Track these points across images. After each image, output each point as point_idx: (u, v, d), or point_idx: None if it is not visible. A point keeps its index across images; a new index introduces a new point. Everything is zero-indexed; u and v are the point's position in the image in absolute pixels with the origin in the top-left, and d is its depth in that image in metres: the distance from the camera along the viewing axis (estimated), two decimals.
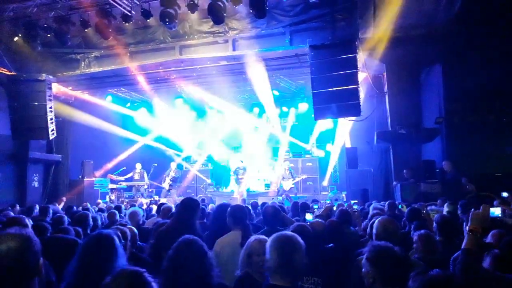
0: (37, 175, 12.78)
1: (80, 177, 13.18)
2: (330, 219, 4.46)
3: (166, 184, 13.94)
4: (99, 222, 5.86)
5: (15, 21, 10.24)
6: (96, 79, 12.81)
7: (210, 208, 7.39)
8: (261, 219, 5.13)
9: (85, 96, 14.09)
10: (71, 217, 5.52)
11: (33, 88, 11.26)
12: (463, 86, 9.48)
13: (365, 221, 5.21)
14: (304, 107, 15.51)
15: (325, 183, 15.12)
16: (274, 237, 2.23)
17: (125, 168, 14.25)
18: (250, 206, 7.30)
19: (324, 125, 15.14)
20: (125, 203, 11.48)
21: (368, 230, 4.13)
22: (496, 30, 8.92)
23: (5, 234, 1.73)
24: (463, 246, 2.37)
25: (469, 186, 8.23)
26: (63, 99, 13.21)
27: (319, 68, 9.63)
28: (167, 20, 9.17)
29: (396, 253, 2.29)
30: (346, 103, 9.49)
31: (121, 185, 14.09)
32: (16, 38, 10.46)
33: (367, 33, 9.62)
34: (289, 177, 13.80)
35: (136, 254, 3.83)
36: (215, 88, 13.92)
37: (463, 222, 3.74)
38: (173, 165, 14.55)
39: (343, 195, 12.99)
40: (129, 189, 14.38)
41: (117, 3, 9.12)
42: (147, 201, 11.61)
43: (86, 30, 10.12)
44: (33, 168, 12.60)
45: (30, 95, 11.23)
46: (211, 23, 9.92)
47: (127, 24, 9.93)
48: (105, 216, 6.47)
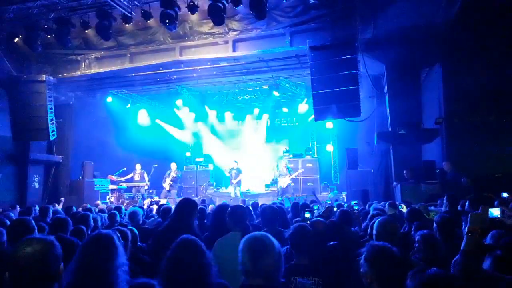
0: (38, 176, 12.80)
1: (80, 177, 13.20)
2: (330, 219, 4.46)
3: (166, 184, 13.93)
4: (99, 223, 5.87)
5: (16, 22, 10.25)
6: (96, 80, 12.83)
7: (210, 208, 7.39)
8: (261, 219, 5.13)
9: (86, 97, 14.10)
10: (71, 218, 5.52)
11: (33, 89, 11.29)
12: (463, 86, 9.48)
13: (365, 222, 5.21)
14: (304, 107, 15.51)
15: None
16: (244, 239, 2.20)
17: (125, 168, 14.24)
18: (250, 207, 7.31)
19: (324, 125, 15.16)
20: (125, 204, 11.48)
21: (368, 230, 4.12)
22: (495, 30, 8.93)
23: (30, 238, 1.77)
24: (462, 247, 2.36)
25: (464, 180, 8.24)
26: (63, 100, 13.22)
27: (319, 69, 9.63)
28: (167, 21, 9.17)
29: (394, 253, 2.27)
30: (346, 104, 9.48)
31: (121, 186, 14.09)
32: (16, 39, 10.47)
33: (367, 34, 9.62)
34: (286, 173, 13.74)
35: (136, 254, 3.84)
36: (215, 89, 13.95)
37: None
38: (173, 166, 14.55)
39: (343, 195, 12.97)
40: (129, 190, 14.37)
41: (117, 4, 9.13)
42: (147, 201, 11.60)
43: (86, 31, 10.15)
44: (33, 169, 12.62)
45: (30, 96, 11.27)
46: (211, 24, 9.93)
47: (127, 25, 9.95)
48: (105, 217, 6.48)
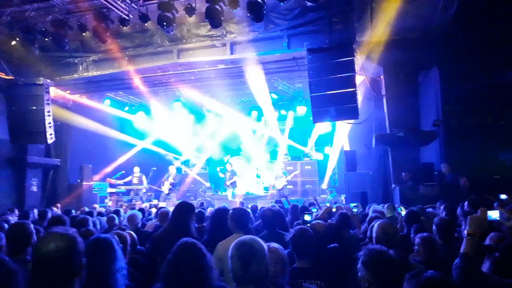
0: (36, 179, 12.72)
1: (78, 181, 13.15)
2: (329, 221, 4.45)
3: (165, 188, 13.91)
4: (98, 226, 5.85)
5: (13, 25, 10.19)
6: (94, 82, 12.80)
7: (209, 211, 7.39)
8: (260, 222, 5.12)
9: (83, 100, 14.07)
10: (71, 221, 5.50)
11: (31, 92, 11.22)
12: (460, 88, 9.53)
13: (364, 224, 5.20)
14: (302, 110, 15.49)
15: (324, 186, 15.11)
16: (233, 245, 2.18)
17: (123, 172, 14.21)
18: (249, 209, 7.29)
19: (322, 128, 15.16)
20: (124, 207, 11.45)
21: (368, 233, 4.11)
22: (492, 32, 8.97)
23: (53, 232, 1.78)
24: (461, 250, 2.36)
25: (462, 182, 8.25)
26: (61, 103, 13.18)
27: (317, 71, 9.64)
28: (164, 23, 9.17)
29: (391, 256, 2.26)
30: (344, 106, 9.48)
31: (119, 189, 14.06)
32: (13, 42, 10.42)
33: (365, 36, 9.65)
34: (281, 175, 13.79)
35: (135, 258, 3.83)
36: (213, 91, 13.93)
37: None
38: (172, 169, 14.52)
39: (342, 198, 12.97)
40: (128, 193, 14.34)
41: (115, 7, 9.11)
42: (146, 204, 11.57)
43: (83, 34, 10.10)
44: (31, 172, 12.54)
45: (28, 99, 11.20)
46: (209, 27, 9.94)
47: (124, 27, 9.91)
48: (104, 220, 6.46)
